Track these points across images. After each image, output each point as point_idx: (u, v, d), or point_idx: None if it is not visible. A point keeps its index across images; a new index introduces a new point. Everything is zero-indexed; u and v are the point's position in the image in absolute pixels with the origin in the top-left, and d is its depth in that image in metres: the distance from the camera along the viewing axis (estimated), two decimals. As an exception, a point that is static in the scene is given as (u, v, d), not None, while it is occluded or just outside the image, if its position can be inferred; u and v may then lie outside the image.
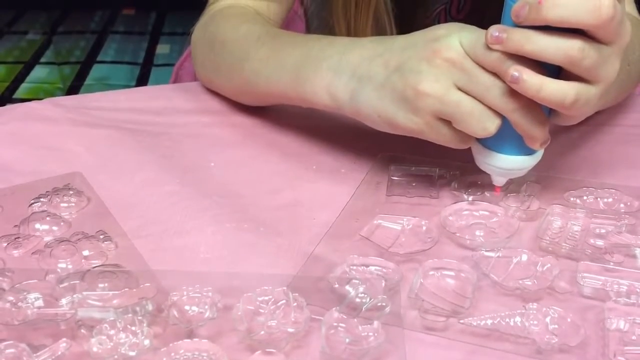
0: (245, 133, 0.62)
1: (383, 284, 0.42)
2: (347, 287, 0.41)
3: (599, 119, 0.63)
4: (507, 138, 0.46)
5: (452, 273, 0.44)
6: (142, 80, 2.02)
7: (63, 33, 2.30)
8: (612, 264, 0.44)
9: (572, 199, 0.52)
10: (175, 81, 0.85)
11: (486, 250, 0.46)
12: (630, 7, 0.64)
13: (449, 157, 0.53)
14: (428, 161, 0.55)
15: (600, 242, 0.47)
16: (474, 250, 0.46)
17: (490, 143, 0.47)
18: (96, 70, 2.09)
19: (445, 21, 0.71)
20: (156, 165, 0.57)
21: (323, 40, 0.54)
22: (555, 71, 0.43)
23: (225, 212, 0.51)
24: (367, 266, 0.44)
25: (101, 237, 0.47)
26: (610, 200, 0.51)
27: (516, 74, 0.41)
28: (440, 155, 0.53)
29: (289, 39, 0.57)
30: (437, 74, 0.44)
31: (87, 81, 2.04)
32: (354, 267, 0.44)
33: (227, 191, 0.54)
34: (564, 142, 0.60)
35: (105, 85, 2.02)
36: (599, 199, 0.52)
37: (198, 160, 0.58)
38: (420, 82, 0.44)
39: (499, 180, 0.49)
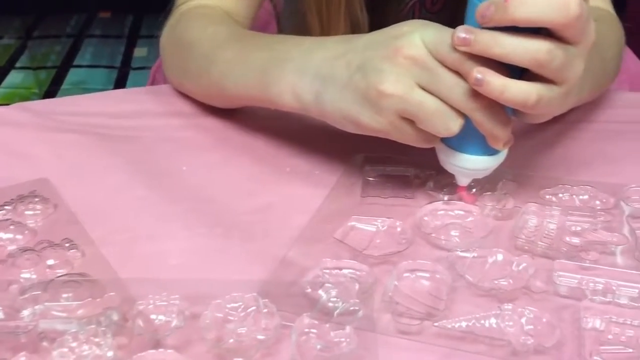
0: (218, 136, 0.61)
1: (356, 287, 0.41)
2: (320, 292, 0.40)
3: (575, 116, 0.63)
4: (470, 138, 0.45)
5: (426, 274, 0.43)
6: (119, 84, 2.00)
7: (38, 37, 2.27)
8: (587, 262, 0.44)
9: (547, 196, 0.51)
10: (152, 84, 0.84)
11: (461, 251, 0.45)
12: (605, 3, 0.64)
13: (425, 157, 0.52)
14: (404, 161, 0.54)
15: (576, 240, 0.46)
16: (449, 250, 0.46)
17: (454, 143, 0.47)
18: (73, 75, 2.07)
19: (420, 14, 0.71)
20: (126, 170, 0.55)
21: (288, 41, 0.53)
22: (518, 70, 0.42)
23: (196, 217, 0.50)
24: (340, 269, 0.44)
25: (67, 245, 0.45)
26: (586, 197, 0.51)
27: (480, 76, 0.41)
28: (416, 155, 0.52)
29: (255, 40, 0.56)
30: (399, 73, 0.43)
31: (64, 86, 2.02)
32: (327, 271, 0.43)
33: (199, 196, 0.53)
34: (540, 139, 0.60)
35: (83, 89, 1.99)
36: (574, 196, 0.51)
37: (169, 165, 0.57)
38: (382, 82, 0.43)
39: (462, 180, 0.49)
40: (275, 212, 0.51)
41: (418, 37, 0.43)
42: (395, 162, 0.54)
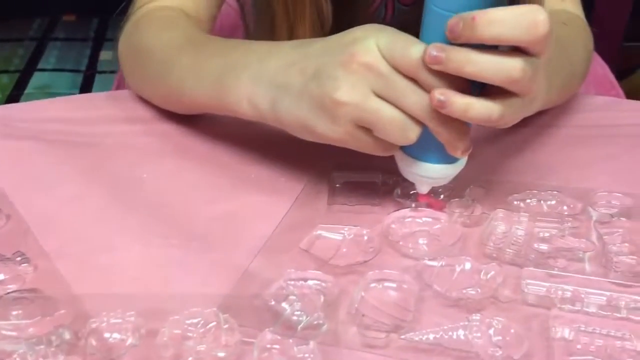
0: (180, 142, 0.59)
1: (322, 300, 0.40)
2: (284, 305, 0.39)
3: (543, 120, 0.62)
4: (429, 146, 0.44)
5: (394, 285, 0.42)
6: (85, 88, 1.96)
7: (0, 41, 2.21)
8: (556, 269, 0.43)
9: (515, 202, 0.50)
10: (117, 88, 0.82)
11: (429, 259, 0.44)
12: (575, 6, 0.64)
13: (393, 163, 0.51)
14: (371, 167, 0.53)
15: (544, 247, 0.45)
16: (417, 259, 0.45)
17: (413, 151, 0.46)
18: (37, 79, 2.02)
19: (393, 9, 0.70)
20: (83, 179, 0.53)
21: (243, 46, 0.52)
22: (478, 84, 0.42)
23: (155, 227, 0.48)
24: (305, 280, 0.42)
25: (18, 259, 0.43)
26: (553, 202, 0.50)
27: (442, 97, 0.40)
28: (384, 161, 0.51)
29: (210, 46, 0.55)
30: (353, 81, 0.42)
31: (28, 90, 1.97)
32: (292, 282, 0.42)
33: (159, 205, 0.51)
34: (508, 144, 0.59)
35: (47, 94, 1.95)
36: (542, 201, 0.51)
37: (129, 172, 0.55)
38: (336, 90, 0.42)
39: (422, 189, 0.48)
40: (238, 220, 0.49)
41: (372, 42, 0.42)
42: (363, 168, 0.53)
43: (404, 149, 0.46)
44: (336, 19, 0.61)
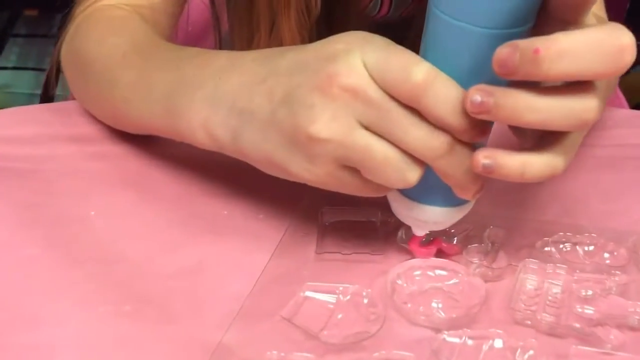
0: (137, 168, 0.49)
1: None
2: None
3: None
4: (432, 186, 0.35)
5: (406, 371, 0.33)
6: (48, 89, 1.84)
7: (-45, 37, 2.08)
8: (609, 345, 0.34)
9: (546, 248, 0.41)
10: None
11: (447, 333, 0.35)
12: (601, 9, 0.55)
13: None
14: (369, 201, 0.44)
15: (589, 310, 0.36)
16: (431, 329, 0.35)
17: (411, 191, 0.37)
18: (-4, 78, 1.89)
19: (390, 5, 0.60)
20: (14, 219, 0.43)
21: (199, 58, 0.42)
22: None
23: (100, 287, 0.38)
24: (291, 365, 0.33)
25: None
26: (592, 248, 0.42)
27: (488, 161, 0.31)
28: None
29: (160, 55, 0.45)
30: (334, 110, 0.32)
31: (-14, 90, 1.84)
32: (273, 368, 0.32)
33: (107, 253, 0.41)
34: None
35: (8, 93, 1.83)
36: (577, 246, 0.42)
37: (73, 208, 0.45)
38: (312, 123, 0.33)
39: (419, 232, 0.39)
40: (205, 276, 0.39)
41: (358, 58, 0.32)
42: (358, 202, 0.44)
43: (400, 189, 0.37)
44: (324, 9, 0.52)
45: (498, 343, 0.34)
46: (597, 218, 0.45)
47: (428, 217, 0.37)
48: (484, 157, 0.31)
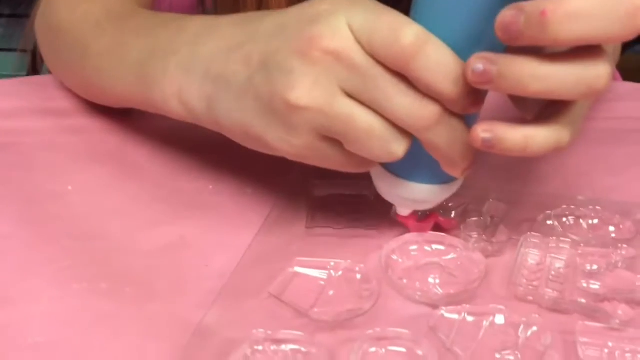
0: (115, 141, 0.46)
1: (302, 375, 0.29)
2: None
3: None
4: (418, 161, 0.33)
5: (402, 349, 0.31)
6: (34, 70, 1.80)
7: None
8: (617, 321, 0.32)
9: (549, 222, 0.39)
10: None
11: (446, 308, 0.33)
12: None
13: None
14: (361, 175, 0.41)
15: (595, 285, 0.34)
16: (428, 305, 0.33)
17: (396, 167, 0.35)
18: (-21, 60, 1.85)
19: None
20: (-13, 194, 0.41)
21: (173, 25, 0.39)
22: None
23: (76, 264, 0.36)
24: (279, 344, 0.31)
25: None
26: (596, 222, 0.40)
27: (488, 135, 0.29)
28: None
29: (134, 21, 0.42)
30: (315, 75, 0.30)
31: (-31, 72, 1.80)
32: (259, 348, 0.30)
33: (84, 229, 0.39)
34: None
35: (-8, 76, 1.78)
36: (581, 220, 0.40)
37: (49, 183, 0.43)
38: (291, 89, 0.30)
39: (403, 211, 0.37)
40: (188, 251, 0.37)
41: (342, 20, 0.30)
42: (350, 175, 0.41)
43: (383, 163, 0.35)
44: None
45: (499, 319, 0.32)
46: (601, 191, 0.43)
47: (414, 195, 0.35)
48: (484, 131, 0.29)
